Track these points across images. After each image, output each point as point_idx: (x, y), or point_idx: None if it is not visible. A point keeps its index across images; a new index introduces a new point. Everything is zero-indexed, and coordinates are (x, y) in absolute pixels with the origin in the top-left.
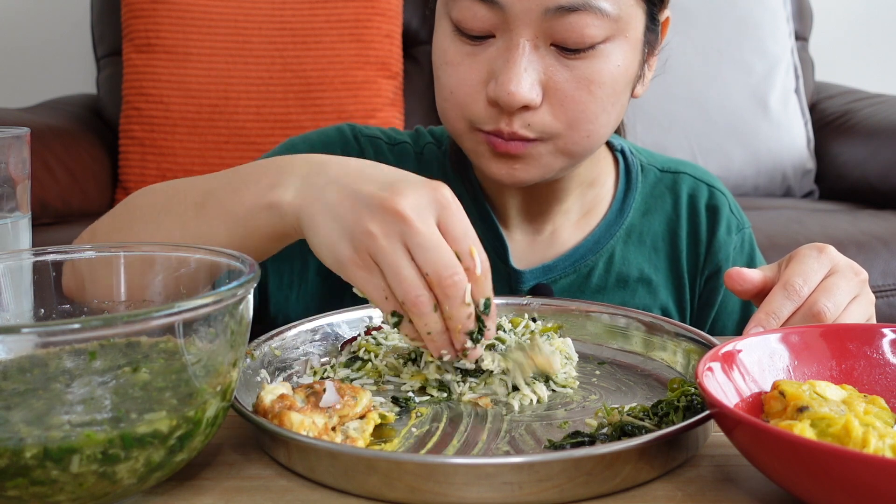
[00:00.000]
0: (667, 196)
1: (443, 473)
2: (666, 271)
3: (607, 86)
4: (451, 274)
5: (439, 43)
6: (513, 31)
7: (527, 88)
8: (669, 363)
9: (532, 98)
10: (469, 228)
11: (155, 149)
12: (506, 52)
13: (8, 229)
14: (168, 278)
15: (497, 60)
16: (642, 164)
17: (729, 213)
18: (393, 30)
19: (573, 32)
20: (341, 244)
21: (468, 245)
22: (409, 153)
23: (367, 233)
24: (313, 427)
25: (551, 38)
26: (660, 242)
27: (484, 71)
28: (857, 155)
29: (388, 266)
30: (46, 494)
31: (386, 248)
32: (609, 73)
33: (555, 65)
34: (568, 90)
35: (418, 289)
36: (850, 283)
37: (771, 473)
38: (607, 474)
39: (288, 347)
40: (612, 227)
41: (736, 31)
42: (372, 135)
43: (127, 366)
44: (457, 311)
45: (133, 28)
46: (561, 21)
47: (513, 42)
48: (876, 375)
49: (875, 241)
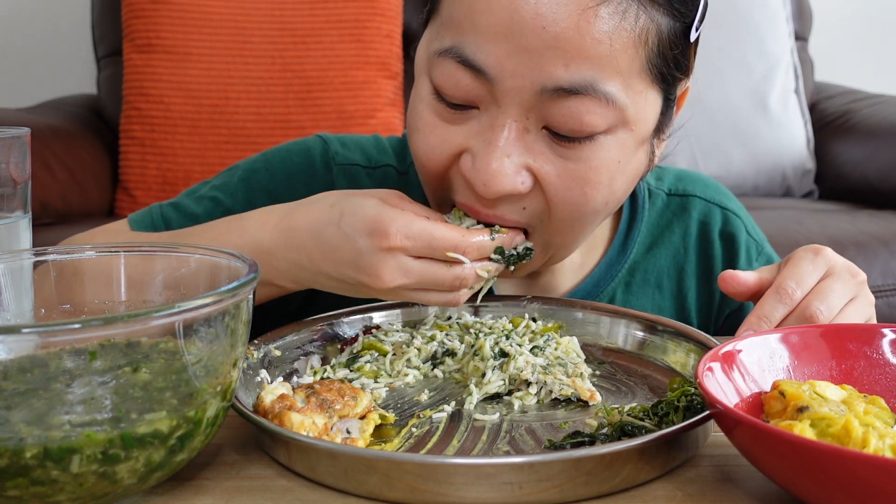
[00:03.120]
0: (675, 225)
1: (443, 473)
2: (670, 311)
3: (603, 186)
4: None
5: (414, 103)
6: (500, 108)
7: (510, 176)
8: (669, 363)
9: (515, 187)
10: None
11: (155, 149)
12: (488, 130)
13: (8, 229)
14: (168, 278)
15: (477, 138)
16: (649, 187)
17: (747, 238)
18: (393, 30)
19: (570, 119)
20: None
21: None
22: (391, 177)
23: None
24: (313, 427)
25: (543, 122)
26: (664, 280)
27: (460, 145)
28: (856, 155)
29: (422, 284)
30: (46, 494)
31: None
32: (606, 169)
33: (545, 153)
34: (559, 188)
35: (452, 270)
36: (845, 286)
37: (771, 473)
38: (607, 474)
39: (288, 347)
40: (613, 268)
41: (736, 31)
42: (347, 161)
43: (127, 366)
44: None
45: (133, 28)
46: (557, 104)
47: (498, 121)
48: (876, 375)
49: (875, 241)
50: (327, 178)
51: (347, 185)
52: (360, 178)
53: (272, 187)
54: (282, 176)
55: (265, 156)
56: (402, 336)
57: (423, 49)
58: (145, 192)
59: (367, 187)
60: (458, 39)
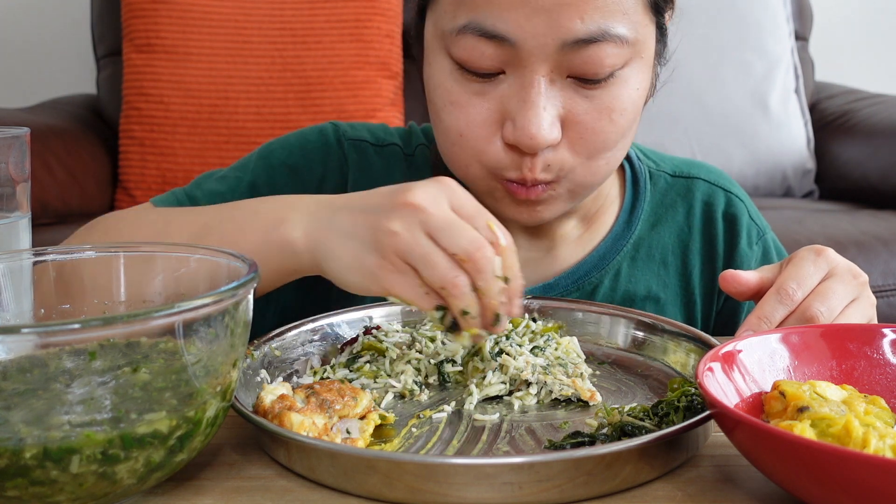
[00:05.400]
0: (679, 205)
1: (443, 473)
2: (676, 287)
3: (628, 111)
4: (478, 247)
5: (439, 81)
6: (527, 68)
7: (548, 128)
8: (669, 363)
9: (554, 137)
10: (481, 207)
11: (155, 149)
12: (520, 90)
13: (8, 229)
14: (168, 278)
15: (511, 99)
16: (651, 170)
17: (749, 221)
18: (393, 30)
19: (592, 64)
20: (366, 256)
21: (484, 220)
22: (398, 156)
23: (390, 233)
24: (313, 427)
25: (568, 71)
26: (669, 257)
27: (496, 110)
28: (857, 155)
29: (419, 257)
30: (46, 495)
31: (411, 241)
32: (629, 98)
33: (573, 97)
34: (589, 122)
35: (453, 270)
36: (846, 287)
37: (771, 474)
38: (607, 474)
39: (288, 347)
40: (618, 243)
41: (736, 31)
42: (357, 137)
43: (127, 366)
44: (490, 285)
45: (133, 28)
46: (578, 53)
47: (528, 79)
48: (876, 375)
49: (875, 241)
50: (340, 153)
51: (358, 159)
52: (370, 154)
53: (290, 162)
54: (299, 152)
55: (278, 139)
56: (403, 336)
57: (431, 31)
58: (145, 192)
59: (376, 163)
60: (473, 14)
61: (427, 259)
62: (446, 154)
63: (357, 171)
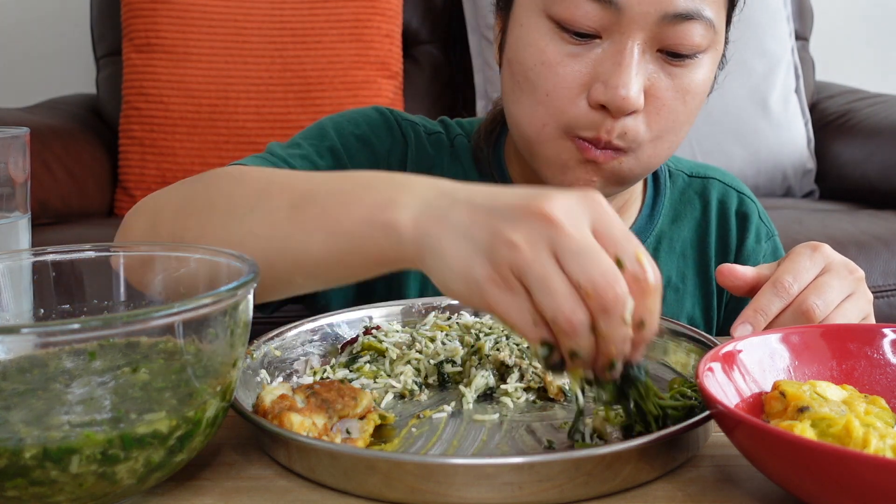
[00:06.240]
0: (696, 202)
1: (443, 473)
2: (694, 279)
3: (698, 97)
4: (610, 283)
5: (533, 41)
6: (624, 34)
7: (636, 93)
8: (669, 363)
9: (640, 104)
10: (631, 234)
11: (155, 149)
12: (616, 54)
13: (8, 229)
14: (168, 278)
15: (605, 62)
16: (670, 169)
17: (759, 221)
18: (393, 30)
19: (684, 40)
20: (476, 262)
21: (633, 249)
22: (444, 144)
23: (509, 243)
24: (313, 428)
25: (659, 44)
26: (689, 249)
27: (587, 73)
28: (857, 155)
29: (536, 279)
30: (46, 495)
31: (531, 257)
32: (702, 83)
33: (658, 72)
34: (666, 99)
35: (572, 303)
36: (843, 282)
37: (771, 474)
38: (607, 474)
39: (288, 347)
40: (642, 235)
41: (736, 31)
42: (410, 119)
43: (126, 366)
44: (614, 331)
45: (133, 28)
46: (674, 28)
47: (624, 45)
48: (876, 376)
49: (875, 240)
50: (399, 131)
51: (414, 138)
52: (422, 137)
53: (359, 132)
54: (366, 125)
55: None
56: (402, 336)
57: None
58: (145, 192)
59: (426, 147)
60: None
61: (544, 282)
62: (524, 114)
63: (414, 149)
